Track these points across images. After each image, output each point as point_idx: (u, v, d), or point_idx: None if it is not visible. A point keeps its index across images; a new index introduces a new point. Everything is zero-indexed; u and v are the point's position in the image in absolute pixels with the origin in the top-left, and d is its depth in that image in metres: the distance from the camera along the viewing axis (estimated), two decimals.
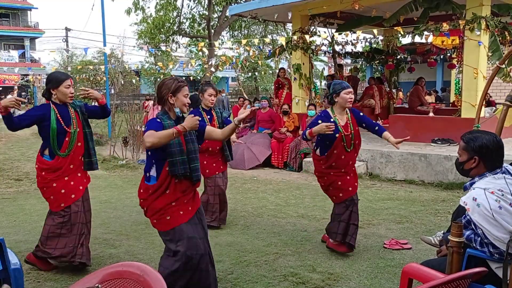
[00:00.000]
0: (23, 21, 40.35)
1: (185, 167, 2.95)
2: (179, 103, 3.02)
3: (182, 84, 3.04)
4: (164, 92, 3.01)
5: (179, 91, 3.01)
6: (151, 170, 3.01)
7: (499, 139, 2.53)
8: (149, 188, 3.00)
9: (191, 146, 3.04)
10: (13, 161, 9.91)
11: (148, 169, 3.02)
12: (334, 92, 4.10)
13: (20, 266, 2.86)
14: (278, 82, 11.05)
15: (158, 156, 2.96)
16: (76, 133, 3.79)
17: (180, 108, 3.04)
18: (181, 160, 2.94)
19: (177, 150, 2.93)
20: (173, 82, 3.02)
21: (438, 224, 5.10)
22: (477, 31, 7.71)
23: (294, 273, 3.75)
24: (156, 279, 1.66)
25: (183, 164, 2.94)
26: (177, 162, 2.92)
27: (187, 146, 3.01)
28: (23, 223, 5.44)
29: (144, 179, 3.06)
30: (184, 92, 3.03)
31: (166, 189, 2.97)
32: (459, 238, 2.22)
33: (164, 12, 19.04)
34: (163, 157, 2.94)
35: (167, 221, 2.99)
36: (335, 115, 4.12)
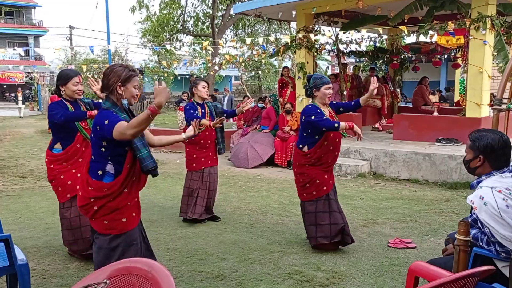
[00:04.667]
0: (27, 19, 40.46)
1: (153, 160, 2.77)
2: (128, 94, 2.73)
3: (133, 74, 2.76)
4: (112, 80, 2.70)
5: (130, 81, 2.72)
6: (105, 168, 2.71)
7: (505, 139, 2.52)
8: (104, 186, 2.69)
9: (144, 139, 2.81)
10: (17, 158, 9.95)
11: (101, 168, 2.71)
12: (315, 86, 4.11)
13: (26, 262, 2.87)
14: (282, 81, 11.04)
15: (117, 152, 2.69)
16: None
17: (129, 100, 2.77)
18: (147, 154, 2.74)
19: (140, 144, 2.73)
20: (124, 70, 2.73)
21: (443, 224, 5.09)
22: (483, 30, 7.68)
23: (299, 271, 3.75)
24: (164, 275, 1.66)
25: (151, 158, 2.75)
26: (145, 157, 2.72)
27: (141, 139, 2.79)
28: (28, 220, 5.46)
29: (94, 176, 2.72)
30: (135, 83, 2.76)
31: (126, 187, 2.72)
32: (466, 237, 2.21)
33: (168, 10, 19.05)
34: (122, 153, 2.69)
35: (123, 223, 2.74)
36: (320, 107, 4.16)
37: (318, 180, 4.15)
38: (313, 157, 4.11)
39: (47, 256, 4.15)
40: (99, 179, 2.71)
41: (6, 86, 35.66)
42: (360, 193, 6.66)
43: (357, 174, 7.72)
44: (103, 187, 2.69)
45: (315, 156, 4.11)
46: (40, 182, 7.82)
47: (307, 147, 4.14)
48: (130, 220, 2.78)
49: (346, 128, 3.95)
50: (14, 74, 33.67)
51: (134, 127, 2.46)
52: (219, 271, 3.77)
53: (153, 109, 2.42)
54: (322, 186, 4.17)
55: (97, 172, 2.71)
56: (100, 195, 2.70)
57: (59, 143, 3.92)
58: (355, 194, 6.59)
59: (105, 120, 2.59)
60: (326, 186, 4.18)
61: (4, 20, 38.93)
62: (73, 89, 3.86)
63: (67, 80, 3.85)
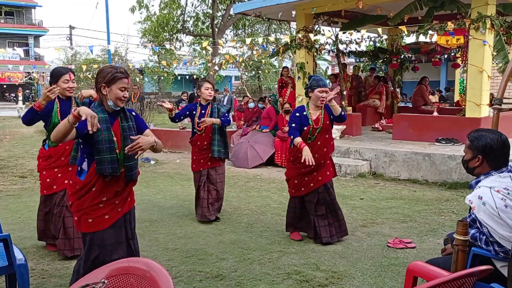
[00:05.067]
0: (27, 19, 40.45)
1: (114, 166, 2.71)
2: (112, 96, 2.71)
3: (120, 76, 2.71)
4: (99, 80, 2.74)
5: (114, 82, 2.70)
6: (83, 164, 2.78)
7: (504, 138, 2.52)
8: (77, 183, 2.77)
9: (129, 142, 2.73)
10: (17, 158, 9.95)
11: (80, 163, 2.81)
12: (310, 87, 4.23)
13: (25, 262, 2.88)
14: (282, 81, 11.04)
15: (87, 150, 2.72)
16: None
17: (114, 102, 2.73)
18: (110, 159, 2.69)
19: (105, 147, 2.68)
20: (111, 71, 2.72)
21: (442, 224, 5.09)
22: (482, 30, 7.68)
23: (298, 271, 3.76)
24: (163, 275, 1.66)
25: (112, 163, 2.70)
26: (104, 161, 2.67)
27: (124, 142, 2.75)
28: (28, 220, 5.46)
29: (77, 171, 2.83)
30: (120, 85, 2.71)
31: (93, 186, 2.73)
32: (464, 237, 2.21)
33: (168, 10, 19.04)
34: (91, 152, 2.71)
35: (89, 223, 2.75)
36: (309, 109, 4.31)
37: (296, 181, 4.42)
38: (291, 155, 4.43)
39: (46, 256, 4.16)
40: (78, 174, 2.81)
41: (6, 86, 35.67)
42: (360, 193, 6.66)
43: (357, 174, 7.72)
44: (76, 183, 2.78)
45: (292, 154, 4.40)
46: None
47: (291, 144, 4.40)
48: (98, 221, 2.76)
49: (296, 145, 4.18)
50: (14, 74, 33.67)
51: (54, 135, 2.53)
52: (218, 271, 3.77)
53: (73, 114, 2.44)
54: (299, 187, 4.42)
55: (78, 167, 2.83)
56: (73, 191, 2.80)
57: (48, 140, 4.05)
58: (354, 194, 6.59)
59: None
60: (304, 187, 4.41)
61: (4, 20, 38.92)
62: (64, 87, 3.89)
63: (57, 78, 3.89)
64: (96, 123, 2.46)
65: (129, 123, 2.84)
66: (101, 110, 2.74)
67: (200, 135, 5.16)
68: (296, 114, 4.30)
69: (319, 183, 4.39)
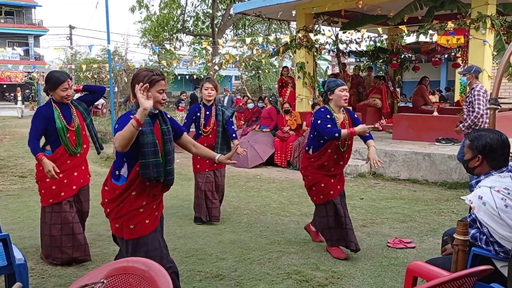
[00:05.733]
0: (27, 18, 40.46)
1: (159, 170, 2.65)
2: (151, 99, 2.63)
3: (157, 78, 2.64)
4: (135, 85, 2.60)
5: (152, 85, 2.61)
6: (121, 169, 2.69)
7: (504, 138, 2.52)
8: (116, 189, 2.68)
9: (169, 146, 2.72)
10: (17, 158, 9.95)
11: (119, 167, 2.70)
12: (329, 89, 4.01)
13: (24, 262, 2.87)
14: (282, 80, 11.04)
15: (130, 154, 2.61)
16: (79, 128, 3.90)
17: (153, 105, 2.64)
18: (154, 162, 2.62)
19: (151, 150, 2.61)
20: (147, 74, 2.64)
21: (442, 223, 5.08)
22: (482, 30, 7.68)
23: (298, 271, 3.75)
24: (162, 275, 1.66)
25: (157, 167, 2.63)
26: (150, 164, 2.60)
27: (165, 146, 2.70)
28: (27, 220, 5.46)
29: (111, 177, 2.74)
30: (159, 87, 2.65)
31: (133, 191, 2.66)
32: (465, 237, 2.21)
33: (168, 10, 19.05)
34: (135, 156, 2.62)
35: (131, 230, 2.68)
36: (334, 112, 4.01)
37: (323, 184, 4.06)
38: (316, 162, 4.05)
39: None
40: (115, 179, 2.72)
41: (6, 86, 35.67)
42: (360, 193, 6.66)
43: (357, 174, 7.72)
44: (115, 189, 2.68)
45: (318, 162, 4.03)
46: None
47: (311, 150, 4.10)
48: (140, 226, 2.69)
49: (347, 135, 3.86)
50: (14, 74, 33.68)
51: (119, 139, 2.44)
52: (218, 270, 3.77)
53: (136, 120, 2.38)
54: (328, 190, 4.06)
55: (115, 171, 2.72)
56: (110, 197, 2.70)
57: (49, 145, 3.84)
58: (354, 194, 6.58)
59: (117, 124, 2.58)
60: (333, 190, 4.07)
61: (4, 19, 38.93)
62: (62, 95, 3.78)
63: (55, 86, 3.76)
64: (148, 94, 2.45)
65: (168, 126, 2.77)
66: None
67: (205, 136, 5.08)
68: (327, 115, 3.92)
69: (343, 185, 4.22)
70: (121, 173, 2.69)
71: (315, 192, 4.15)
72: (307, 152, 4.15)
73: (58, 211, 3.84)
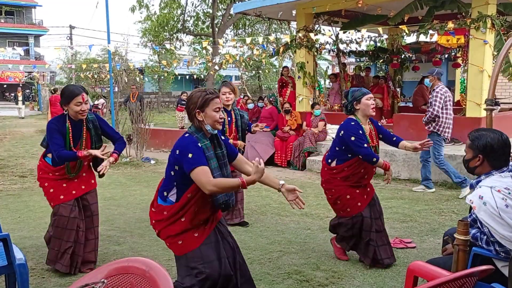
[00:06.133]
0: (28, 18, 40.48)
1: (228, 194, 2.62)
2: (209, 120, 2.58)
3: (211, 96, 2.58)
4: (191, 107, 2.60)
5: (207, 105, 2.56)
6: (170, 191, 2.64)
7: (505, 138, 2.52)
8: (164, 209, 2.63)
9: (224, 170, 2.66)
10: (17, 158, 9.95)
11: (167, 189, 2.65)
12: (354, 99, 3.75)
13: (25, 262, 2.87)
14: (282, 80, 11.03)
15: (181, 180, 2.57)
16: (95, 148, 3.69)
17: (211, 125, 2.59)
18: None
19: (219, 175, 2.56)
20: (200, 95, 2.59)
21: (442, 223, 5.08)
22: (483, 29, 7.68)
23: (298, 271, 3.75)
24: (162, 275, 1.65)
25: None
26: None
27: (221, 171, 2.64)
28: (28, 220, 5.45)
29: (158, 196, 2.70)
30: (214, 106, 2.58)
31: (182, 216, 2.59)
32: (465, 237, 2.21)
33: (168, 10, 19.06)
34: (187, 182, 2.54)
35: (180, 246, 2.62)
36: (362, 124, 3.76)
37: (349, 196, 3.79)
38: (340, 175, 3.80)
39: (46, 256, 4.14)
40: (162, 199, 2.67)
41: (6, 85, 35.68)
42: None
43: None
44: (163, 210, 2.64)
45: (342, 174, 3.79)
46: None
47: (335, 162, 3.85)
48: (189, 241, 2.61)
49: (381, 166, 3.70)
50: (15, 73, 33.70)
51: (219, 187, 2.42)
52: None
53: (243, 183, 2.40)
54: (355, 201, 3.79)
55: (163, 192, 2.66)
56: (159, 218, 2.65)
57: (51, 153, 3.67)
58: None
59: (188, 153, 2.49)
60: (361, 201, 3.80)
61: (4, 19, 38.95)
62: (76, 110, 3.52)
63: (69, 100, 3.52)
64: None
65: (222, 150, 2.70)
66: (202, 136, 2.61)
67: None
68: (359, 131, 3.68)
69: (370, 194, 3.92)
70: (169, 197, 2.64)
71: (341, 206, 3.86)
72: (329, 164, 3.89)
73: (55, 214, 3.75)
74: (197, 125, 2.62)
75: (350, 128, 3.70)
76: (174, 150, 2.58)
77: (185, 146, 2.53)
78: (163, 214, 2.63)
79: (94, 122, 3.75)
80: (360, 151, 3.65)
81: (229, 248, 2.73)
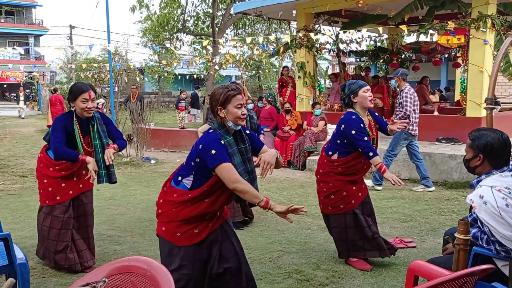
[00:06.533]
0: (28, 18, 40.47)
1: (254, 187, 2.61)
2: (230, 116, 2.59)
3: (232, 93, 2.60)
4: (213, 104, 2.63)
5: (229, 101, 2.58)
6: (186, 177, 2.64)
7: (505, 138, 2.52)
8: (174, 192, 2.64)
9: (248, 165, 2.67)
10: (18, 157, 9.96)
11: (183, 175, 2.65)
12: (351, 92, 3.75)
13: (26, 261, 2.87)
14: (282, 80, 11.04)
15: (204, 172, 2.57)
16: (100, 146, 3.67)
17: (234, 122, 2.60)
18: (248, 181, 2.58)
19: (242, 170, 2.59)
20: (222, 91, 2.60)
21: (443, 223, 5.08)
22: (483, 29, 7.68)
23: (299, 271, 3.75)
24: (164, 274, 1.66)
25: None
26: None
27: (244, 165, 2.66)
28: (28, 219, 5.45)
29: (172, 179, 2.71)
30: (236, 102, 2.59)
31: (192, 204, 2.59)
32: (466, 236, 2.21)
33: (169, 9, 19.03)
34: (207, 175, 2.57)
35: (177, 237, 2.62)
36: (361, 116, 3.77)
37: (345, 192, 3.77)
38: (341, 166, 3.77)
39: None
40: (175, 183, 2.68)
41: (6, 85, 35.68)
42: None
43: None
44: (174, 192, 2.65)
45: (344, 166, 3.77)
46: None
47: (337, 155, 3.81)
48: (187, 236, 2.62)
49: (375, 165, 3.66)
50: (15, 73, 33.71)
51: (239, 189, 2.47)
52: None
53: (266, 204, 2.47)
54: (349, 199, 3.78)
55: (178, 176, 2.67)
56: (168, 199, 2.66)
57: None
58: None
59: (212, 149, 2.50)
60: (354, 199, 3.80)
61: (4, 19, 38.95)
62: (82, 107, 3.49)
63: (75, 96, 3.50)
64: None
65: (245, 145, 2.70)
66: (225, 132, 2.62)
67: None
68: (360, 124, 3.68)
69: (365, 191, 3.94)
70: (184, 181, 2.65)
71: (333, 201, 3.82)
72: (330, 156, 3.84)
73: (49, 214, 3.73)
74: (219, 121, 2.63)
75: (351, 122, 3.69)
76: (197, 144, 2.60)
77: (208, 142, 2.54)
78: (173, 196, 2.64)
79: (100, 120, 3.73)
80: (360, 144, 3.64)
81: (231, 249, 2.71)
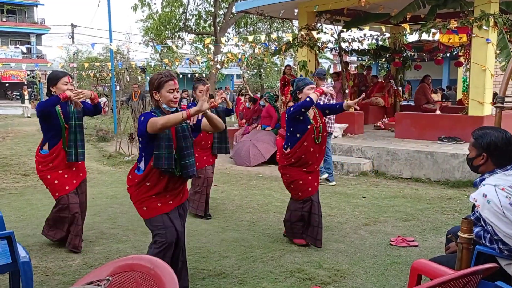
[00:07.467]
0: (30, 17, 40.49)
1: (170, 162, 2.94)
2: (163, 100, 2.97)
3: (165, 79, 2.95)
4: (150, 88, 3.02)
5: (162, 86, 2.95)
6: (140, 162, 3.06)
7: (509, 136, 2.51)
8: (135, 177, 3.08)
9: (182, 143, 3.02)
10: (20, 156, 9.96)
11: (139, 160, 3.08)
12: (298, 88, 4.25)
13: (29, 260, 2.88)
14: (284, 79, 11.02)
15: (147, 150, 2.98)
16: (75, 126, 4.07)
17: (167, 104, 2.98)
18: (167, 155, 2.93)
19: (165, 144, 2.93)
20: (156, 77, 2.98)
21: (445, 222, 5.08)
22: (485, 28, 7.66)
23: (301, 269, 3.75)
24: (167, 272, 1.66)
25: (168, 160, 2.93)
26: (162, 156, 2.92)
27: (178, 143, 3.01)
28: (31, 218, 5.47)
29: (135, 168, 3.12)
30: (168, 87, 2.95)
31: (147, 181, 3.02)
32: (469, 235, 2.21)
33: (170, 8, 19.03)
34: (150, 152, 2.96)
35: (144, 211, 3.07)
36: None
37: (301, 181, 4.23)
38: (293, 157, 4.20)
39: (49, 254, 4.16)
40: (137, 169, 3.08)
41: (8, 84, 35.71)
42: (362, 191, 6.66)
43: (359, 173, 7.71)
44: (135, 177, 3.08)
45: (295, 156, 4.19)
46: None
47: (289, 147, 4.25)
48: (152, 208, 3.04)
49: (318, 96, 4.07)
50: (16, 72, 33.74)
51: (164, 119, 2.77)
52: (221, 269, 3.77)
53: (188, 114, 2.74)
54: (306, 187, 4.24)
55: (138, 163, 3.08)
56: (130, 184, 3.12)
57: (47, 143, 4.05)
58: (357, 192, 6.58)
59: (141, 117, 2.91)
60: (311, 187, 4.26)
61: (6, 18, 38.97)
62: (63, 89, 3.91)
63: (56, 80, 3.94)
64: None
65: (182, 125, 3.01)
66: (160, 112, 2.97)
67: (205, 135, 5.10)
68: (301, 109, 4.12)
69: (318, 183, 4.39)
70: (140, 165, 3.06)
71: (293, 189, 4.32)
72: (285, 150, 4.31)
73: (64, 203, 4.07)
74: (155, 104, 3.03)
75: (288, 109, 4.22)
76: (138, 127, 2.97)
77: (140, 117, 2.94)
78: (134, 181, 3.08)
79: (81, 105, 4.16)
80: (297, 107, 4.06)
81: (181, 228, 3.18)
